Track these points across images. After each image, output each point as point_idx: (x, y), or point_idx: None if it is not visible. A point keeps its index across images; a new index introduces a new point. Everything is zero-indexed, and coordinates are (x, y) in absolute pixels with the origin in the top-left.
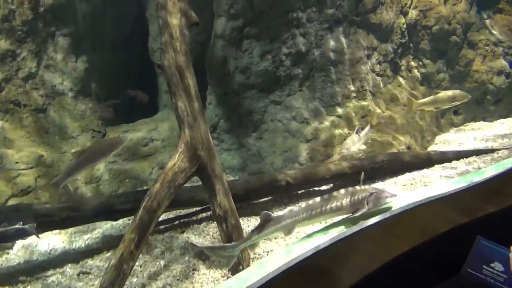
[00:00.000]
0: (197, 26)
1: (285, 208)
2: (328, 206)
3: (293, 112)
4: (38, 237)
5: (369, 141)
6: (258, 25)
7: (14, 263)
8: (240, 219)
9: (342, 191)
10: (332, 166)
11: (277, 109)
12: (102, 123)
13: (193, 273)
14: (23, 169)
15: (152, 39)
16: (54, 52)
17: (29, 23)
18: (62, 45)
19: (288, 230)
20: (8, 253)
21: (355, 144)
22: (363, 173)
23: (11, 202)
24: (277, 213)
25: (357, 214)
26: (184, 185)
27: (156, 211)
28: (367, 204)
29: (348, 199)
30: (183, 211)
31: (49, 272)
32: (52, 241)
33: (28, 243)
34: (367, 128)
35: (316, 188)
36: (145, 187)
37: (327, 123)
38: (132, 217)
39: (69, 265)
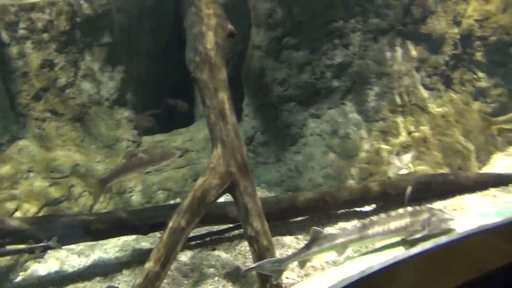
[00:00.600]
0: (234, 37)
1: (323, 228)
2: (385, 227)
3: (334, 126)
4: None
5: (412, 167)
6: (297, 36)
7: (44, 273)
8: (274, 238)
9: (401, 211)
10: (375, 185)
11: (316, 122)
12: (138, 133)
13: None
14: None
15: (189, 48)
16: (91, 62)
17: (67, 34)
18: (99, 55)
19: (341, 250)
20: (39, 262)
21: (401, 161)
22: (409, 187)
23: (44, 211)
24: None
25: (416, 236)
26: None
27: (184, 229)
28: (428, 226)
29: (407, 220)
30: (215, 227)
31: (78, 284)
32: (83, 252)
33: (59, 254)
34: (412, 153)
35: (357, 209)
36: (177, 199)
37: (370, 138)
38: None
39: (98, 278)
